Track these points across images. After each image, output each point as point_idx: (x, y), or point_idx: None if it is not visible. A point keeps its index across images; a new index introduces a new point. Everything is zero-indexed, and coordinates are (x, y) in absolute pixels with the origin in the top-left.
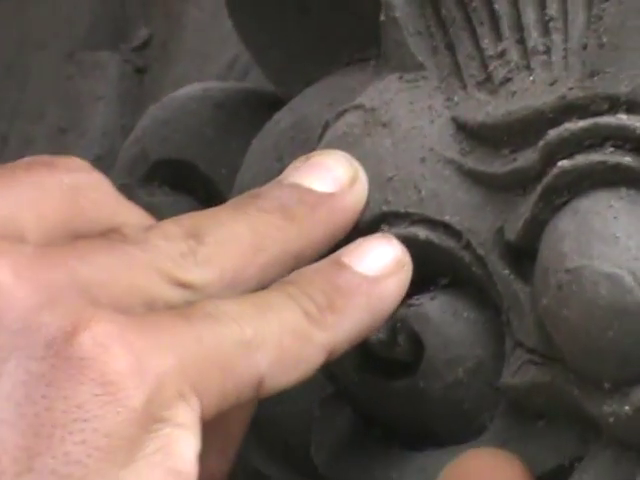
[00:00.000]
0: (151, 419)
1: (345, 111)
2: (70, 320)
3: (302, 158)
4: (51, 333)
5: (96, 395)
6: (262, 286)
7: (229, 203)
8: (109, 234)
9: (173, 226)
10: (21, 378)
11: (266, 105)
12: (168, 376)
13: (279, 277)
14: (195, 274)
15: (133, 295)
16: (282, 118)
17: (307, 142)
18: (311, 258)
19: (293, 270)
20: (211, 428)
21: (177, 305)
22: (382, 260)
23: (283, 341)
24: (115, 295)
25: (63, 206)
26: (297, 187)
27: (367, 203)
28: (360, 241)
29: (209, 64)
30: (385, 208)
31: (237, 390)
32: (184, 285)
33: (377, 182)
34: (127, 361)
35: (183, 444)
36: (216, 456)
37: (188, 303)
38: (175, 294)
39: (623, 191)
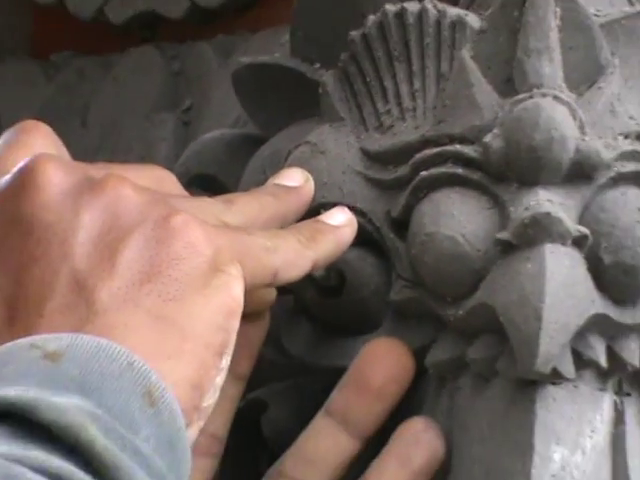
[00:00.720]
0: (215, 267)
1: (299, 145)
2: (167, 211)
3: (277, 172)
4: (157, 216)
5: (184, 247)
6: None
7: (243, 192)
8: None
9: (215, 198)
10: (142, 240)
11: (256, 142)
12: (224, 247)
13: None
14: (230, 218)
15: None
16: (265, 149)
17: (279, 163)
18: (291, 221)
19: (282, 226)
20: (240, 333)
21: None
22: (342, 218)
23: (288, 252)
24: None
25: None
26: (277, 184)
27: (313, 194)
28: (329, 211)
29: (224, 120)
30: (323, 200)
31: (262, 273)
32: (225, 224)
33: (317, 185)
34: (201, 233)
35: (235, 286)
36: (244, 360)
37: None
38: None
39: (457, 188)
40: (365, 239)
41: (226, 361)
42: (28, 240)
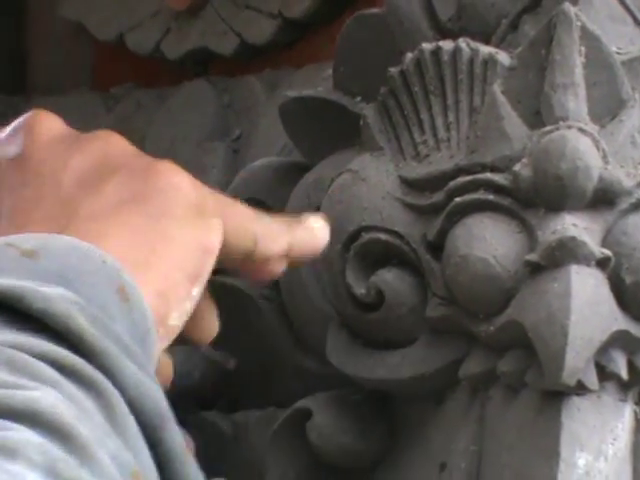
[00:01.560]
0: (198, 212)
1: (342, 173)
2: (156, 161)
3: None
4: (146, 160)
5: (170, 185)
6: None
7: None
8: None
9: None
10: (128, 175)
11: (302, 169)
12: (210, 200)
13: None
14: None
15: None
16: (309, 176)
17: (322, 189)
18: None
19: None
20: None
21: None
22: (317, 222)
23: (269, 226)
24: None
25: None
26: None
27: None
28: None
29: (271, 148)
30: (363, 224)
31: (243, 236)
32: None
33: (358, 210)
34: (188, 180)
35: (214, 234)
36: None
37: None
38: None
39: (488, 213)
40: (403, 260)
41: (197, 291)
42: (26, 174)
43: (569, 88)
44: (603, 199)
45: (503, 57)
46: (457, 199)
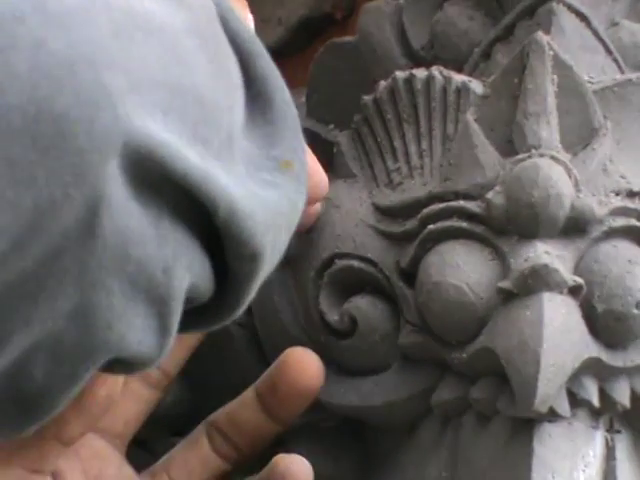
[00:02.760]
0: None
1: None
2: None
3: None
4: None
5: None
6: None
7: None
8: None
9: None
10: None
11: None
12: None
13: None
14: None
15: None
16: None
17: None
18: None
19: None
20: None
21: None
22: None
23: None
24: None
25: None
26: None
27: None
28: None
29: None
30: (337, 250)
31: None
32: None
33: (331, 237)
34: None
35: None
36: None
37: None
38: None
39: (461, 241)
40: (376, 287)
41: None
42: None
43: (541, 116)
44: (575, 227)
45: (476, 85)
46: (430, 226)
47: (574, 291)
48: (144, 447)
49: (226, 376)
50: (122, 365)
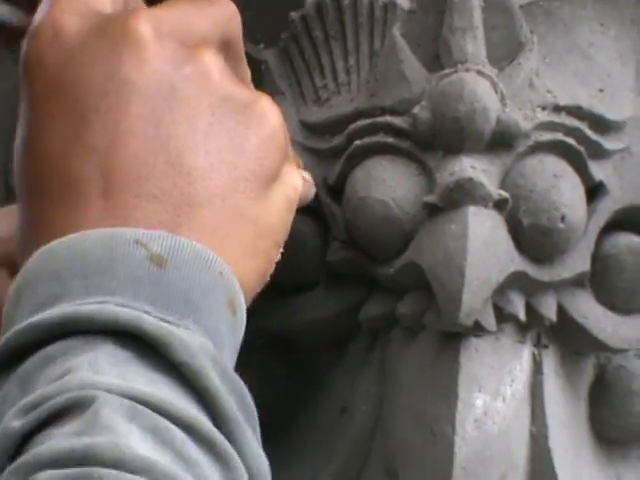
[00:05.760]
0: (285, 156)
1: None
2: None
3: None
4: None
5: (269, 137)
6: None
7: None
8: None
9: None
10: (231, 122)
11: None
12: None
13: None
14: None
15: None
16: None
17: None
18: None
19: None
20: None
21: None
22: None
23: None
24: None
25: None
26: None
27: None
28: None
29: None
30: None
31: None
32: None
33: None
34: (279, 120)
35: (297, 176)
36: None
37: None
38: None
39: (388, 156)
40: (304, 207)
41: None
42: (129, 106)
43: (467, 31)
44: (501, 142)
45: (403, 1)
46: (357, 142)
47: (500, 205)
48: None
49: None
50: None
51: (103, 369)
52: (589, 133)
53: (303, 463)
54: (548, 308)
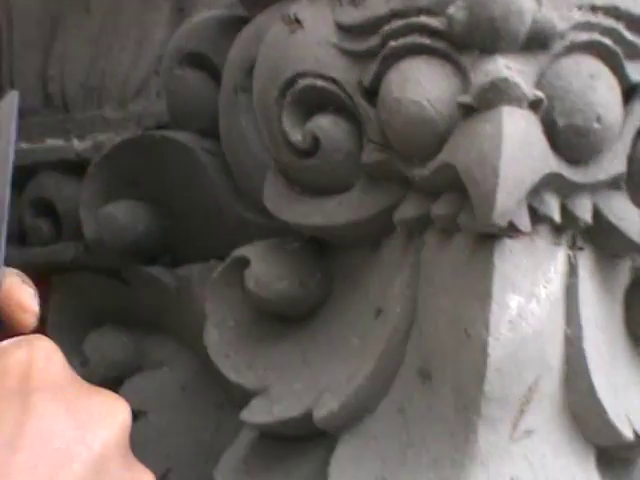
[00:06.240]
0: None
1: (278, 20)
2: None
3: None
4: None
5: None
6: None
7: None
8: None
9: None
10: None
11: (243, 22)
12: None
13: None
14: None
15: None
16: (250, 28)
17: (261, 40)
18: None
19: None
20: None
21: None
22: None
23: None
24: None
25: None
26: None
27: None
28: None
29: (216, 7)
30: (299, 70)
31: None
32: None
33: (294, 56)
34: None
35: None
36: None
37: None
38: None
39: (423, 57)
40: (339, 106)
41: None
42: None
43: None
44: (536, 42)
45: None
46: (392, 43)
47: (535, 105)
48: (118, 276)
49: (197, 204)
50: None
51: None
52: (626, 34)
53: (338, 366)
54: (583, 210)
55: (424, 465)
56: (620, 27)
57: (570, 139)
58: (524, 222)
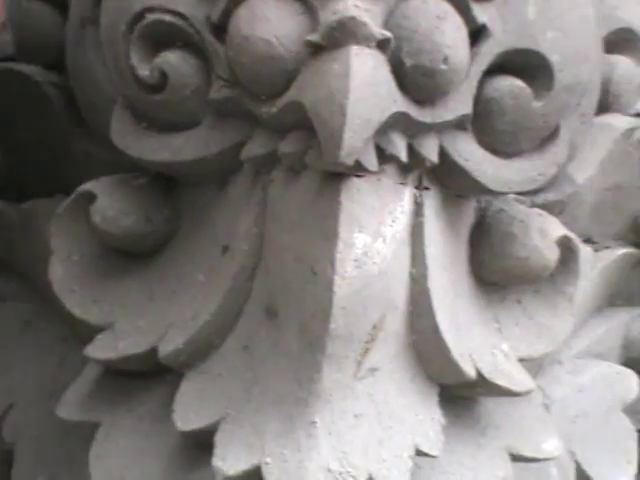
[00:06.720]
0: None
1: None
2: None
3: None
4: None
5: None
6: None
7: None
8: None
9: None
10: None
11: None
12: None
13: None
14: None
15: None
16: None
17: None
18: None
19: None
20: None
21: None
22: None
23: None
24: None
25: None
26: None
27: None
28: None
29: None
30: (147, 4)
31: None
32: None
33: None
34: None
35: None
36: None
37: None
38: None
39: None
40: (187, 42)
41: None
42: None
43: None
44: None
45: None
46: None
47: (382, 45)
48: None
49: (42, 138)
50: None
51: None
52: None
53: (184, 302)
54: (429, 150)
55: (269, 402)
56: None
57: (417, 79)
58: (371, 161)
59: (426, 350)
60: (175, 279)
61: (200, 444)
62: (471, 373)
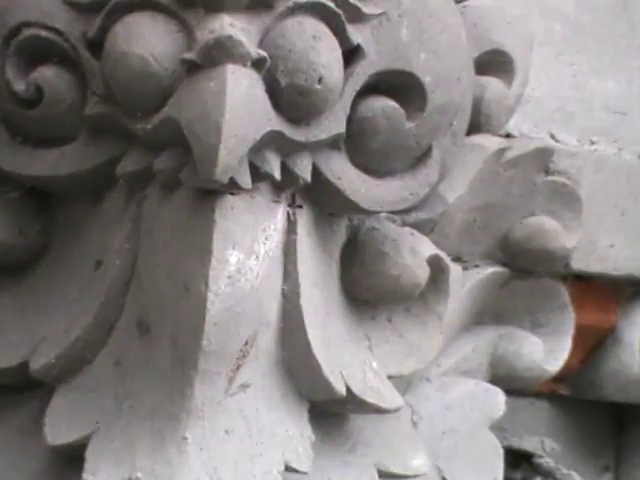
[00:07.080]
0: None
1: None
2: None
3: None
4: None
5: None
6: None
7: None
8: None
9: None
10: None
11: None
12: None
13: None
14: None
15: None
16: None
17: None
18: None
19: None
20: None
21: None
22: None
23: None
24: None
25: None
26: None
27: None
28: None
29: None
30: (23, 19)
31: None
32: None
33: (19, 5)
34: None
35: None
36: None
37: None
38: None
39: (148, 12)
40: (63, 57)
41: None
42: None
43: None
44: (261, 1)
45: None
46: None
47: (258, 64)
48: None
49: None
50: None
51: None
52: None
53: (57, 316)
54: (303, 168)
55: (140, 417)
56: None
57: (292, 99)
58: (245, 179)
59: (297, 367)
60: (48, 293)
61: (71, 459)
62: (341, 390)
